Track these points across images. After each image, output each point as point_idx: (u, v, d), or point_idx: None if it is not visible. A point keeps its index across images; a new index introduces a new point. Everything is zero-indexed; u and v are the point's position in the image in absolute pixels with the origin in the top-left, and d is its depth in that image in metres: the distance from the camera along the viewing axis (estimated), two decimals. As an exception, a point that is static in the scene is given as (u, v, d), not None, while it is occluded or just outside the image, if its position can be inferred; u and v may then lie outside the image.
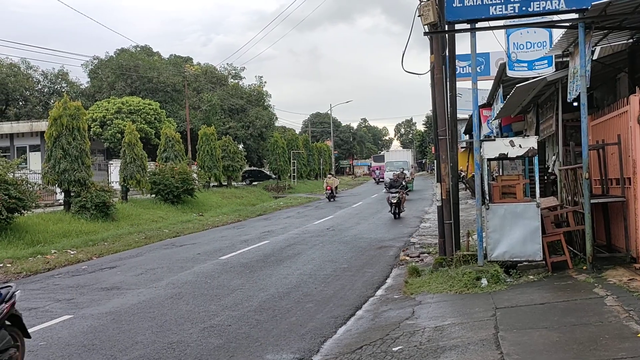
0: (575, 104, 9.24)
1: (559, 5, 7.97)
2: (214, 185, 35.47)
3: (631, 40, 9.59)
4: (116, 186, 24.64)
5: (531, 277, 8.23)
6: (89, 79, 49.91)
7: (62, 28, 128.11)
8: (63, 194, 20.42)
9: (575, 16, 8.18)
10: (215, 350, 6.37)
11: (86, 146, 19.55)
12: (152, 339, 6.89)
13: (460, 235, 10.19)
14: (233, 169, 36.20)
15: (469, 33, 8.68)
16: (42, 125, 32.05)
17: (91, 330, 7.40)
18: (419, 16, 9.67)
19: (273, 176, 47.32)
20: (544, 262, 8.47)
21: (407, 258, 11.84)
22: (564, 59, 11.07)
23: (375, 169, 62.26)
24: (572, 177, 9.39)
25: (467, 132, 28.82)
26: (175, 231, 19.01)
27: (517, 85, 10.62)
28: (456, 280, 8.27)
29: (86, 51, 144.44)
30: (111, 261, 13.43)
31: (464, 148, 31.66)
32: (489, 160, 9.20)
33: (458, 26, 9.18)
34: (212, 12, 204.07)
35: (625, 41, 9.79)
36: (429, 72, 10.26)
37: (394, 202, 20.30)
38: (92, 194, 19.18)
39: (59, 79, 51.75)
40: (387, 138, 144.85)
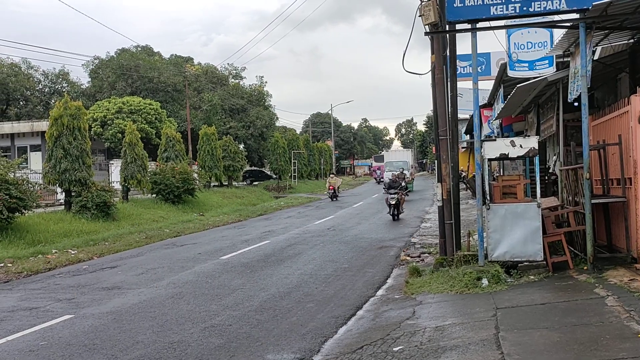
0: (576, 104, 9.24)
1: (559, 5, 7.97)
2: (214, 185, 35.49)
3: (632, 41, 9.59)
4: (117, 186, 24.68)
5: (532, 277, 8.22)
6: (89, 79, 50.00)
7: (62, 28, 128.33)
8: (64, 193, 20.44)
9: (576, 16, 8.18)
10: (216, 350, 6.37)
11: (87, 146, 19.56)
12: (153, 338, 6.90)
13: (461, 235, 10.19)
14: (234, 168, 36.22)
15: (469, 33, 8.67)
16: (42, 125, 32.07)
17: (92, 329, 7.41)
18: (419, 16, 9.67)
19: (274, 176, 47.35)
20: (544, 262, 8.47)
21: (408, 258, 11.84)
22: (564, 59, 11.07)
23: (376, 169, 62.42)
24: (573, 178, 9.39)
25: (467, 132, 28.84)
26: (176, 231, 19.03)
27: (517, 86, 10.61)
28: (457, 280, 8.27)
29: (87, 51, 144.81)
30: (112, 261, 13.44)
31: (464, 148, 31.67)
32: (489, 160, 9.20)
33: (459, 26, 9.18)
34: (213, 12, 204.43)
35: (626, 41, 9.78)
36: (430, 72, 10.27)
37: (393, 203, 19.92)
38: (92, 193, 19.20)
39: (60, 79, 51.82)
40: (387, 138, 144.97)
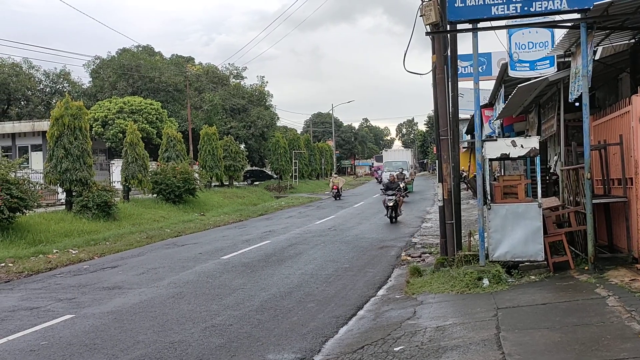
0: (577, 104, 9.23)
1: (561, 5, 7.96)
2: (215, 185, 35.49)
3: (633, 41, 9.58)
4: (118, 186, 24.69)
5: (533, 277, 8.22)
6: (90, 79, 50.06)
7: (64, 28, 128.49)
8: (65, 193, 20.44)
9: (577, 16, 8.18)
10: (217, 350, 6.37)
11: (88, 146, 19.56)
12: (154, 338, 6.90)
13: (462, 235, 10.19)
14: (234, 168, 36.22)
15: (470, 33, 8.67)
16: (43, 125, 32.10)
17: (93, 329, 7.41)
18: (420, 16, 9.67)
19: (274, 176, 47.34)
20: (545, 262, 8.46)
21: (409, 258, 11.83)
22: (565, 59, 11.06)
23: (378, 169, 62.52)
24: (574, 178, 9.38)
25: (468, 132, 28.84)
26: (176, 231, 19.03)
27: (518, 86, 10.60)
28: (458, 280, 8.26)
29: (88, 51, 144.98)
30: (113, 261, 13.44)
31: (465, 148, 31.67)
32: (490, 160, 9.20)
33: (460, 26, 9.17)
34: (214, 12, 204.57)
35: (627, 41, 9.77)
36: (431, 72, 10.27)
37: (390, 205, 19.20)
38: (93, 193, 19.21)
39: (61, 79, 51.87)
40: (388, 138, 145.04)
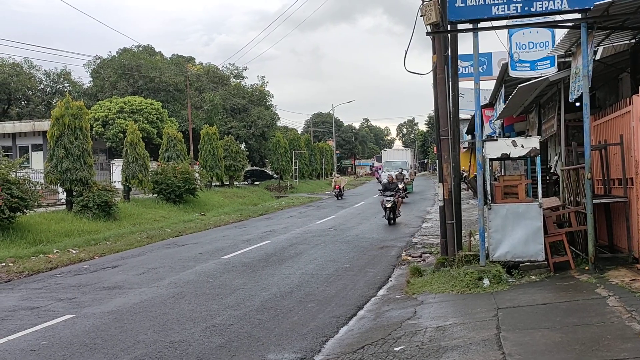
0: (577, 104, 9.23)
1: (561, 5, 7.95)
2: (215, 185, 35.49)
3: (634, 41, 9.57)
4: (118, 185, 24.70)
5: (533, 277, 8.21)
6: (91, 79, 50.07)
7: (64, 27, 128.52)
8: (65, 193, 20.45)
9: (577, 16, 8.17)
10: (217, 350, 6.37)
11: (88, 146, 19.57)
12: (154, 338, 6.90)
13: (462, 235, 10.18)
14: (235, 168, 36.22)
15: (471, 33, 8.67)
16: (44, 124, 32.07)
17: (93, 329, 7.41)
18: (421, 16, 9.67)
19: (275, 176, 47.33)
20: (546, 262, 8.45)
21: (409, 258, 11.83)
22: (566, 59, 11.05)
23: (378, 169, 62.54)
24: (574, 178, 9.38)
25: (469, 132, 28.85)
26: (177, 231, 19.03)
27: (519, 86, 10.59)
28: (458, 280, 8.26)
29: (88, 51, 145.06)
30: (113, 260, 13.45)
31: (466, 148, 31.68)
32: (491, 160, 9.20)
33: (460, 26, 9.16)
34: (214, 12, 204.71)
35: (628, 41, 9.76)
36: (431, 72, 10.26)
37: (389, 206, 18.66)
38: (94, 193, 19.21)
39: (62, 79, 51.87)
40: (389, 138, 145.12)
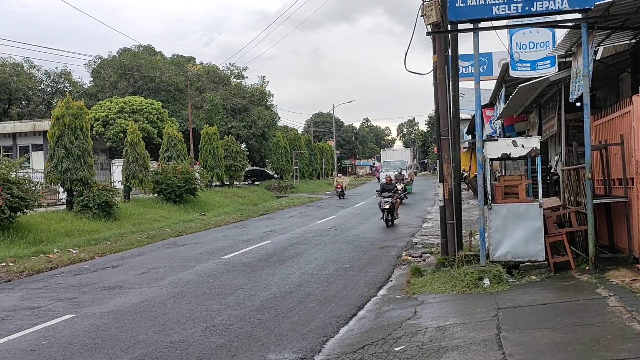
0: (577, 104, 9.23)
1: (562, 5, 7.95)
2: (216, 185, 35.50)
3: (634, 41, 9.56)
4: (118, 185, 24.72)
5: (533, 277, 8.21)
6: (91, 79, 50.06)
7: (64, 27, 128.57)
8: (65, 193, 20.45)
9: (578, 16, 8.17)
10: (217, 350, 6.37)
11: (89, 145, 19.56)
12: (154, 338, 6.90)
13: (463, 235, 10.18)
14: (235, 168, 36.21)
15: (471, 33, 8.67)
16: (44, 124, 32.07)
17: (93, 329, 7.41)
18: (421, 16, 9.67)
19: (275, 176, 47.34)
20: (546, 262, 8.45)
21: (410, 258, 11.83)
22: (566, 59, 11.05)
23: (379, 169, 62.49)
24: (575, 178, 9.38)
25: (469, 132, 28.85)
26: (177, 230, 19.03)
27: (519, 85, 10.59)
28: (458, 280, 8.26)
29: (89, 51, 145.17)
30: (113, 260, 13.45)
31: (466, 148, 31.68)
32: (491, 160, 9.20)
33: (461, 26, 9.16)
34: (214, 12, 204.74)
35: (628, 41, 9.76)
36: (432, 72, 10.26)
37: (386, 207, 18.07)
38: (94, 193, 19.21)
39: (62, 79, 51.87)
40: (389, 138, 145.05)
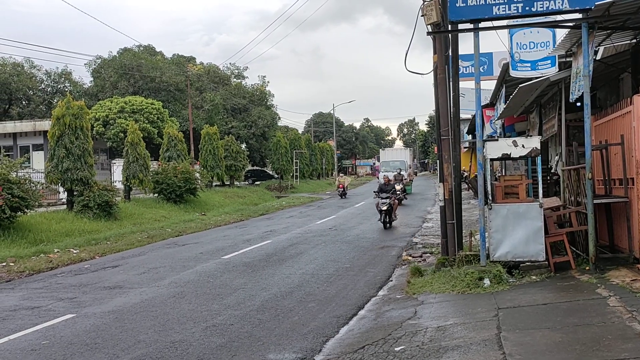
0: (578, 104, 9.23)
1: (562, 5, 7.95)
2: (216, 185, 35.51)
3: (634, 41, 9.56)
4: (119, 185, 24.73)
5: (534, 277, 8.21)
6: (92, 79, 50.09)
7: (65, 27, 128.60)
8: (66, 193, 20.45)
9: (578, 16, 8.17)
10: (218, 350, 6.38)
11: (89, 145, 19.57)
12: (155, 337, 6.90)
13: (463, 235, 10.18)
14: (235, 168, 36.22)
15: (472, 33, 8.67)
16: (45, 124, 32.10)
17: (94, 329, 7.42)
18: (422, 16, 9.67)
19: (275, 176, 47.35)
20: (546, 262, 8.45)
21: (410, 258, 11.83)
22: (567, 59, 11.04)
23: (379, 169, 62.50)
24: (575, 178, 9.37)
25: (470, 132, 28.84)
26: (177, 230, 19.04)
27: (520, 85, 10.59)
28: (459, 280, 8.26)
29: (89, 51, 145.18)
30: (114, 260, 13.45)
31: (466, 148, 31.66)
32: (491, 160, 9.20)
33: (461, 26, 9.16)
34: (215, 12, 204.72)
35: (629, 41, 9.75)
36: (432, 72, 10.26)
37: (384, 209, 17.39)
38: (94, 193, 19.22)
39: (62, 79, 51.89)
40: (389, 138, 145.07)
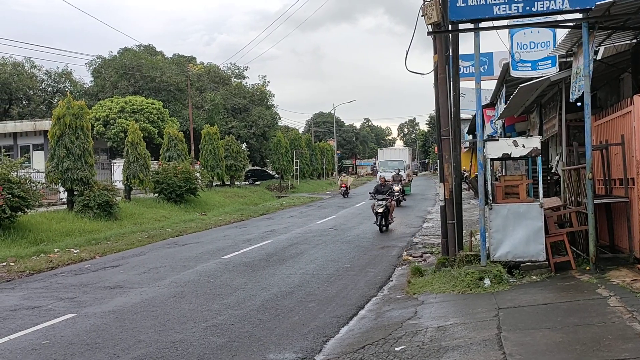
0: (578, 104, 9.23)
1: (562, 5, 7.95)
2: (216, 185, 35.52)
3: (635, 41, 9.55)
4: (119, 185, 24.74)
5: (534, 277, 8.21)
6: (92, 78, 50.11)
7: (65, 27, 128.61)
8: (66, 192, 20.47)
9: (579, 16, 8.16)
10: (218, 349, 6.38)
11: (89, 145, 19.58)
12: (155, 337, 6.90)
13: (463, 235, 10.18)
14: (236, 168, 36.24)
15: (472, 33, 8.66)
16: (45, 124, 32.14)
17: (94, 328, 7.42)
18: (422, 16, 9.67)
19: (276, 176, 47.37)
20: (546, 262, 8.45)
21: (410, 258, 11.82)
22: (567, 59, 11.04)
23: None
24: (576, 178, 9.37)
25: (470, 132, 28.84)
26: (178, 230, 19.04)
27: (520, 85, 10.59)
28: (459, 280, 8.26)
29: (90, 50, 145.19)
30: (114, 260, 13.45)
31: (467, 148, 31.65)
32: (492, 160, 9.19)
33: (462, 26, 9.15)
34: (215, 12, 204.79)
35: (629, 41, 9.75)
36: (432, 72, 10.25)
37: (380, 211, 16.55)
38: (95, 193, 19.22)
39: (63, 78, 51.90)
40: (390, 138, 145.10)
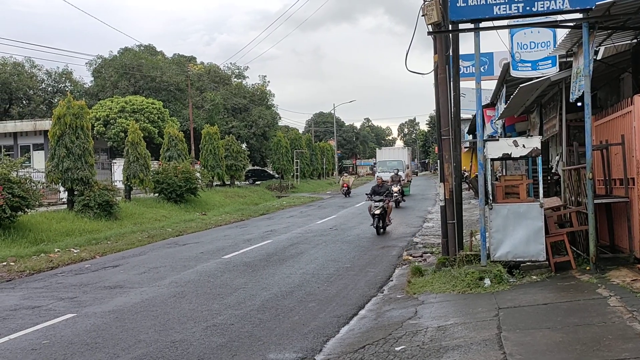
0: (578, 104, 9.23)
1: (563, 5, 7.95)
2: (217, 185, 35.52)
3: (635, 41, 9.55)
4: (119, 185, 24.75)
5: (534, 277, 8.21)
6: (92, 78, 50.12)
7: (66, 27, 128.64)
8: (66, 192, 20.47)
9: (579, 16, 8.16)
10: (218, 349, 6.38)
11: (89, 145, 19.59)
12: (155, 337, 6.90)
13: (464, 235, 10.18)
14: (236, 168, 36.24)
15: (472, 33, 8.66)
16: (45, 124, 32.14)
17: (94, 328, 7.42)
18: (422, 16, 9.67)
19: (276, 175, 47.40)
20: (547, 262, 8.45)
21: (410, 258, 11.83)
22: (567, 59, 11.04)
23: None
24: (576, 178, 9.37)
25: (470, 132, 28.84)
26: (178, 230, 19.05)
27: (520, 85, 10.59)
28: (459, 280, 8.26)
29: (90, 50, 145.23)
30: (114, 260, 13.46)
31: (467, 148, 31.64)
32: (492, 160, 9.19)
33: (462, 26, 9.16)
34: (215, 12, 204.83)
35: (629, 41, 9.75)
36: (433, 71, 10.25)
37: (377, 213, 15.95)
38: (95, 192, 19.23)
39: (63, 78, 51.90)
40: (390, 138, 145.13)
